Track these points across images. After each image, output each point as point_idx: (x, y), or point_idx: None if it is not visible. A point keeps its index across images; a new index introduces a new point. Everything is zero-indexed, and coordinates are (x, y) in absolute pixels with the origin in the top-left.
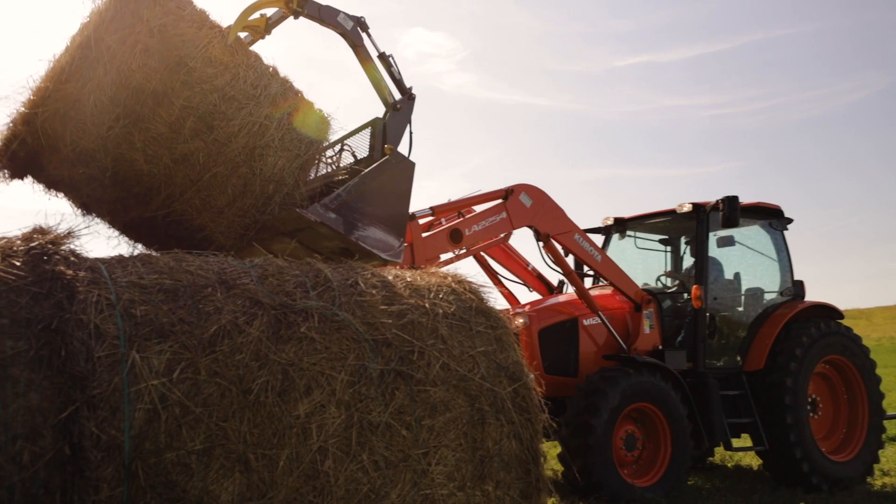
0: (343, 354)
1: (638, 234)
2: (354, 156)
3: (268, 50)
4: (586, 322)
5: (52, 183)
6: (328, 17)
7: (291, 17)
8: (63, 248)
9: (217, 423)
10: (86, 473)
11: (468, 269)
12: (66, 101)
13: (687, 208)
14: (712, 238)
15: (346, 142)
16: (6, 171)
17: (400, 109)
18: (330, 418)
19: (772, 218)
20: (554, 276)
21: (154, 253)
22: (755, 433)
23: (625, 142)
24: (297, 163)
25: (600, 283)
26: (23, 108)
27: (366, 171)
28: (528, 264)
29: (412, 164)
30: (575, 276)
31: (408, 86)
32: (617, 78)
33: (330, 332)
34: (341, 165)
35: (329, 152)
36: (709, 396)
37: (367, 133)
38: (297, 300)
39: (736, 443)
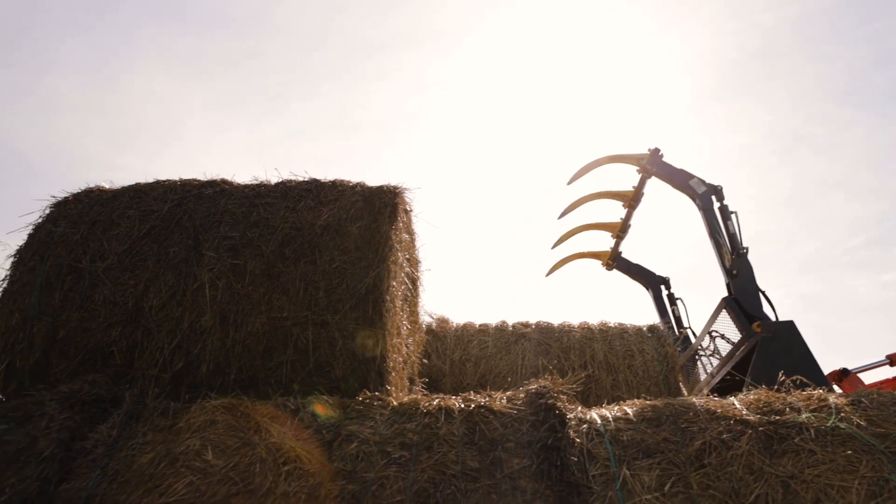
0: (853, 467)
1: None
2: (729, 341)
3: None
4: None
5: None
6: (680, 182)
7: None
8: (556, 390)
9: None
10: None
11: None
12: None
13: None
14: None
15: (711, 329)
16: None
17: (738, 274)
18: None
19: None
20: None
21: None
22: None
23: None
24: None
25: None
26: None
27: (752, 362)
28: None
29: (789, 324)
30: None
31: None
32: None
33: (832, 445)
34: (721, 353)
35: (705, 342)
36: None
37: (725, 315)
38: (786, 417)
39: None
